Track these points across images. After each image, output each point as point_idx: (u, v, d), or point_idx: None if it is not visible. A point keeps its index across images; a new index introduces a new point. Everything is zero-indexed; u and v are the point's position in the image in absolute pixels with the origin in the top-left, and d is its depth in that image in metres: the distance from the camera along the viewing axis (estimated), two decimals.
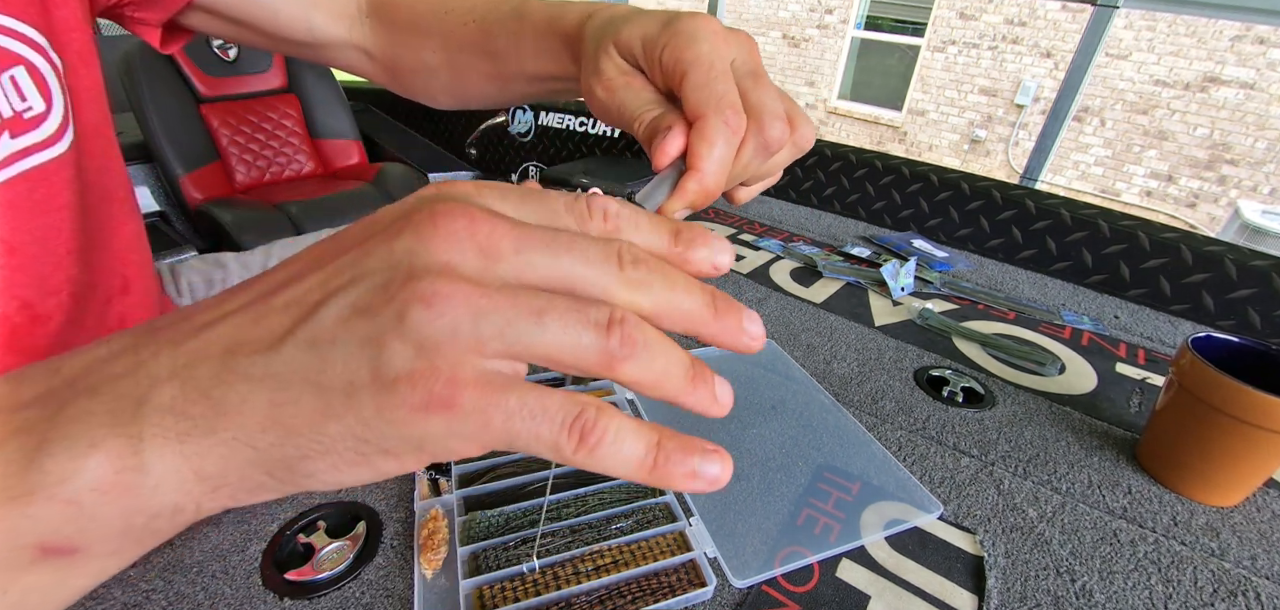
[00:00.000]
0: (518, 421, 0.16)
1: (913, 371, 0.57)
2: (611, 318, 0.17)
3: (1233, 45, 4.53)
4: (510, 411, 0.16)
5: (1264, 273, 0.72)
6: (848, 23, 6.17)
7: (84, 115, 0.38)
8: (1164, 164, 4.98)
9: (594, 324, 0.17)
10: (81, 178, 0.38)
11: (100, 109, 0.41)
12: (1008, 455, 0.47)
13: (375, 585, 0.33)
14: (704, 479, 0.17)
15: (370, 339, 0.16)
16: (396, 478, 0.39)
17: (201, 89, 1.82)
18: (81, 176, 0.38)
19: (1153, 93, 4.88)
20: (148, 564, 0.33)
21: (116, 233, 0.43)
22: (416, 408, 0.16)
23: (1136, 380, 0.59)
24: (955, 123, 5.86)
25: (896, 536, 0.38)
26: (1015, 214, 0.88)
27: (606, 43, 0.29)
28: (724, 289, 0.69)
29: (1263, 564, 0.39)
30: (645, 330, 0.17)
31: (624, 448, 0.17)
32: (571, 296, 0.17)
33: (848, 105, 6.43)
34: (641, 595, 0.32)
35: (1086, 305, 0.76)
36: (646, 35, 0.27)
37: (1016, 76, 5.43)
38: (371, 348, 0.16)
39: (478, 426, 0.16)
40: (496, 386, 0.16)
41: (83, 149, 0.38)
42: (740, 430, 0.46)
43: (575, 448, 0.16)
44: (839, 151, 1.04)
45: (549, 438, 0.16)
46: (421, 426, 0.16)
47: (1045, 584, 0.36)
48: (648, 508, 0.38)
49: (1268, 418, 0.39)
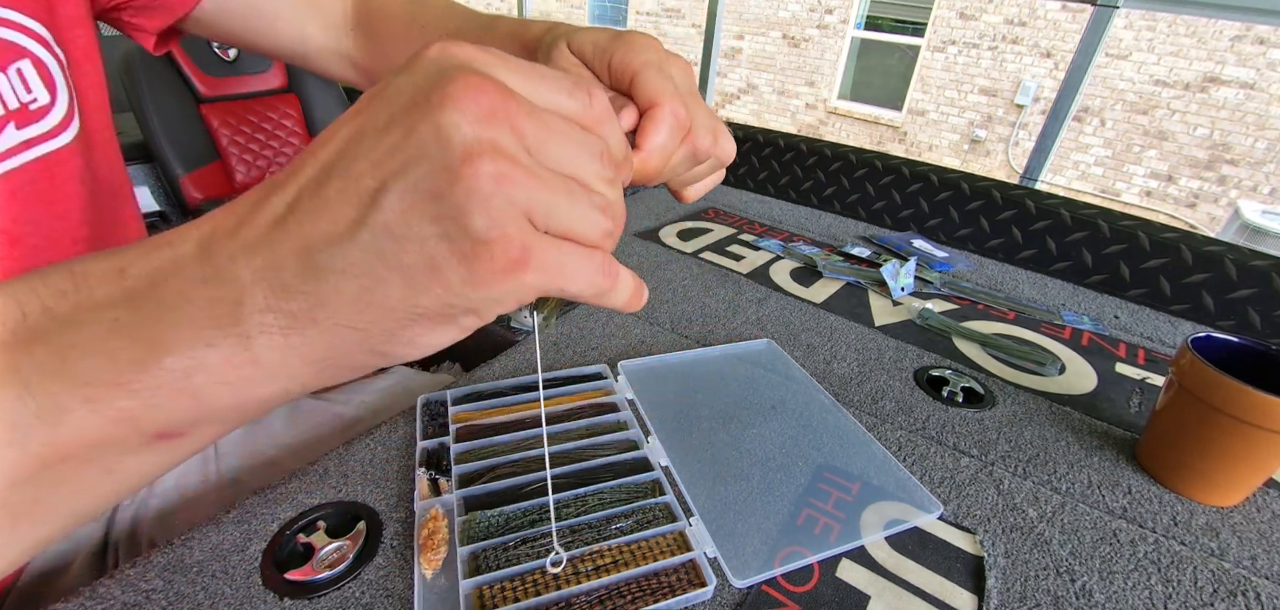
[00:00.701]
0: (571, 272, 0.19)
1: (913, 371, 0.57)
2: (608, 204, 0.21)
3: (1233, 45, 4.53)
4: (565, 265, 0.19)
5: (1264, 273, 0.72)
6: (848, 23, 6.17)
7: (89, 111, 0.39)
8: (1164, 164, 4.98)
9: (601, 209, 0.20)
10: (89, 171, 0.38)
11: (103, 107, 0.41)
12: (1008, 455, 0.47)
13: (375, 585, 0.33)
14: (642, 301, 0.24)
15: (444, 216, 0.17)
16: (396, 478, 0.39)
17: (201, 89, 1.82)
18: (89, 170, 0.38)
19: (1153, 93, 4.88)
20: (148, 564, 0.33)
21: (126, 229, 0.43)
22: (499, 270, 0.18)
23: (1136, 380, 0.59)
24: (955, 123, 5.86)
25: (896, 536, 0.38)
26: (1015, 214, 0.88)
27: (560, 43, 0.31)
28: (724, 290, 0.69)
29: (1263, 564, 0.39)
30: (621, 221, 0.22)
31: (625, 283, 0.22)
32: (578, 182, 0.20)
33: (848, 105, 6.43)
34: (641, 595, 0.32)
35: (1086, 305, 0.76)
36: (597, 42, 0.29)
37: (1016, 76, 5.43)
38: (447, 225, 0.17)
39: (545, 279, 0.19)
40: (550, 247, 0.19)
41: (89, 142, 0.38)
42: (740, 430, 0.46)
43: (608, 289, 0.21)
44: (839, 151, 1.04)
45: (593, 281, 0.20)
46: (502, 286, 0.18)
47: (1045, 584, 0.36)
48: (648, 508, 0.38)
49: (1268, 418, 0.39)
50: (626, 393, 0.48)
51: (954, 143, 5.90)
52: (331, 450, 0.41)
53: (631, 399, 0.48)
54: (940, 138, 5.96)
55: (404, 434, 0.43)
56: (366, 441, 0.42)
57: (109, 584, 0.31)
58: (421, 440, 0.41)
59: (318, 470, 0.39)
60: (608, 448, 0.42)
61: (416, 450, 0.41)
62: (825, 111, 6.55)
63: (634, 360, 0.52)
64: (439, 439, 0.42)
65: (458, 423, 0.43)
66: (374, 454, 0.41)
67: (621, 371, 0.51)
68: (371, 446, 0.42)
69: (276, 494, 0.37)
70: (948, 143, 5.93)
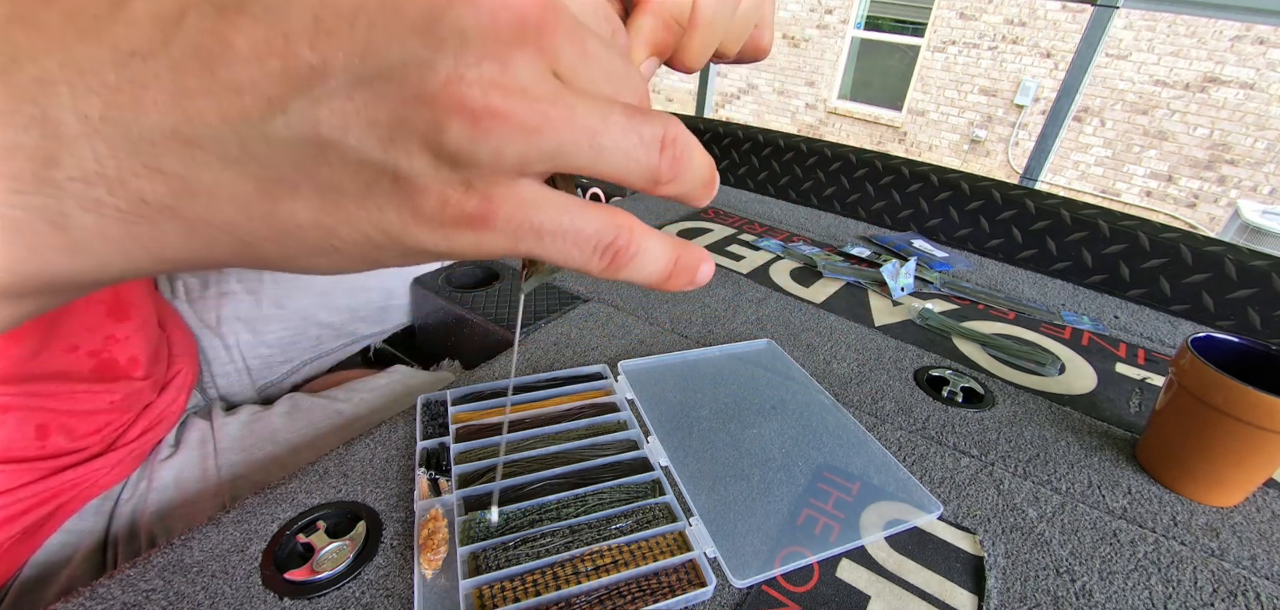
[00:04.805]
0: (548, 242, 0.15)
1: (913, 371, 0.57)
2: (665, 137, 0.16)
3: (1233, 45, 4.53)
4: (541, 231, 0.15)
5: (1264, 273, 0.72)
6: (848, 23, 6.16)
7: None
8: (1164, 164, 4.98)
9: (647, 142, 0.15)
10: None
11: None
12: (1008, 455, 0.47)
13: (375, 585, 0.33)
14: (702, 277, 0.18)
15: (394, 142, 0.13)
16: (396, 479, 0.39)
17: None
18: None
19: (1153, 93, 4.88)
20: (148, 564, 0.33)
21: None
22: (446, 223, 0.14)
23: (1136, 380, 0.59)
24: (955, 123, 5.86)
25: (896, 536, 0.38)
26: (1015, 214, 0.88)
27: None
28: (724, 290, 0.69)
29: (1263, 564, 0.39)
30: (691, 146, 0.16)
31: (650, 264, 0.17)
32: (625, 108, 0.15)
33: (848, 105, 6.43)
34: (641, 595, 0.32)
35: (1086, 305, 0.76)
36: None
37: (1016, 76, 5.43)
38: (398, 154, 0.13)
39: (506, 245, 0.15)
40: (531, 203, 0.15)
41: None
42: (740, 430, 0.46)
43: (605, 268, 0.16)
44: (839, 151, 1.04)
45: (579, 261, 0.16)
46: (448, 241, 0.15)
47: (1045, 584, 0.36)
48: (648, 508, 0.38)
49: (1268, 418, 0.39)
50: (626, 393, 0.48)
51: (954, 143, 5.90)
52: (331, 450, 0.41)
53: (631, 399, 0.48)
54: (940, 138, 5.96)
55: (404, 434, 0.43)
56: (366, 441, 0.42)
57: (109, 584, 0.31)
58: (421, 440, 0.41)
59: (318, 470, 0.39)
60: (608, 448, 0.42)
61: (416, 450, 0.41)
62: (825, 111, 6.55)
63: (634, 360, 0.52)
64: (439, 439, 0.42)
65: (458, 423, 0.43)
66: (374, 454, 0.41)
67: (621, 371, 0.51)
68: (371, 446, 0.42)
69: (276, 494, 0.37)
70: (948, 143, 5.93)
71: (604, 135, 0.14)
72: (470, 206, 0.14)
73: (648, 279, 0.17)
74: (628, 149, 0.15)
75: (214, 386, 0.60)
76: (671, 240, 0.17)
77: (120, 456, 0.46)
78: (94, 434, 0.44)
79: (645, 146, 0.15)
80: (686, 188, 0.17)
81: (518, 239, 0.15)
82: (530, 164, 0.14)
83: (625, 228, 0.16)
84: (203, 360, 0.59)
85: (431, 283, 0.70)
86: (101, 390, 0.44)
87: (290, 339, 0.65)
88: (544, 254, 0.15)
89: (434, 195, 0.14)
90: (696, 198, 0.17)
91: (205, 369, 0.59)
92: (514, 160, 0.14)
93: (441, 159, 0.13)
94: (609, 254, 0.16)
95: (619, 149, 0.15)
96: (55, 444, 0.41)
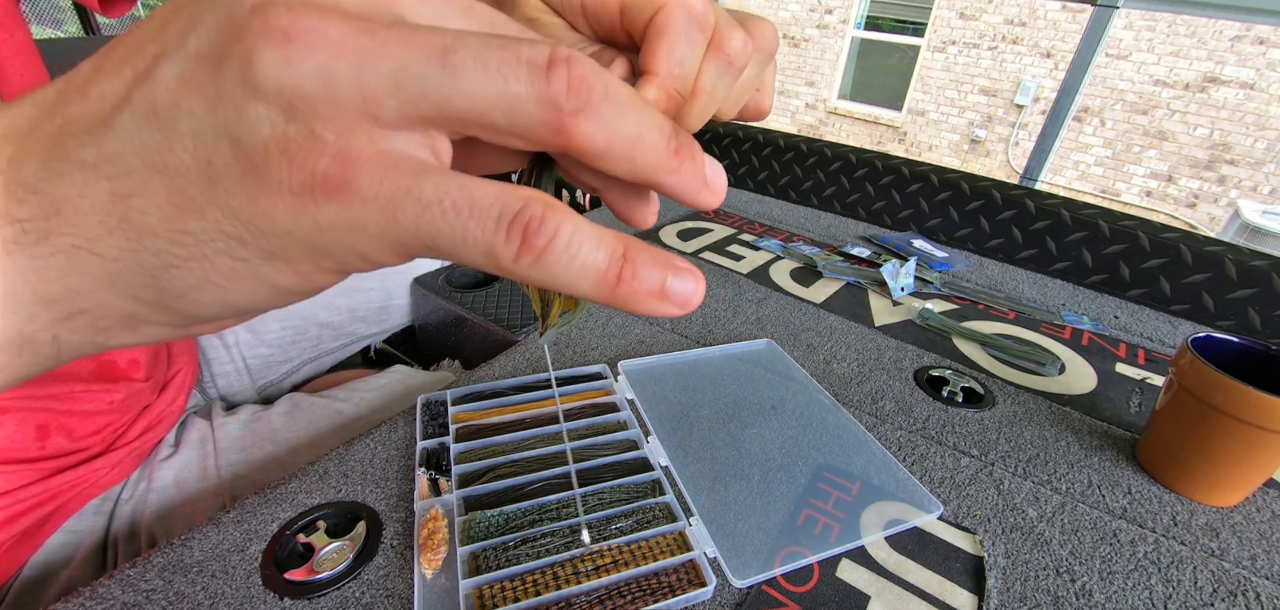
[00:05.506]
0: (437, 215, 0.12)
1: (913, 371, 0.56)
2: (553, 57, 0.12)
3: (1233, 45, 4.53)
4: (425, 202, 0.12)
5: (1264, 273, 0.72)
6: (848, 23, 6.16)
7: (14, 77, 0.38)
8: (1164, 164, 4.98)
9: (528, 64, 0.12)
10: None
11: (33, 70, 0.40)
12: (1008, 455, 0.47)
13: (375, 585, 0.33)
14: (675, 299, 0.14)
15: (222, 98, 0.12)
16: (396, 479, 0.39)
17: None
18: None
19: (1153, 93, 4.88)
20: (148, 563, 0.33)
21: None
22: (299, 191, 0.12)
23: (1136, 380, 0.59)
24: (955, 123, 5.85)
25: (896, 536, 0.38)
26: (1015, 214, 0.88)
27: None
28: (724, 290, 0.69)
29: (1263, 564, 0.39)
30: (603, 76, 0.13)
31: (581, 255, 0.13)
32: (490, 33, 0.13)
33: (848, 105, 6.42)
34: (641, 595, 0.32)
35: (1086, 305, 0.76)
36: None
37: (1016, 76, 5.43)
38: (225, 110, 0.12)
39: (383, 220, 0.12)
40: (406, 169, 0.12)
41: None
42: (740, 430, 0.46)
43: (516, 254, 0.12)
44: (839, 151, 1.04)
45: (480, 240, 0.12)
46: (309, 217, 0.12)
47: (1045, 584, 0.36)
48: (648, 508, 0.38)
49: (1268, 418, 0.39)
50: (626, 393, 0.48)
51: (954, 143, 5.90)
52: (331, 450, 0.41)
53: (631, 399, 0.48)
54: (940, 138, 5.96)
55: (404, 434, 0.43)
56: (366, 441, 0.42)
57: (109, 584, 0.31)
58: (421, 440, 0.41)
59: (318, 470, 0.39)
60: (608, 448, 0.42)
61: (416, 450, 0.41)
62: (825, 111, 6.55)
63: (634, 360, 0.52)
64: (439, 439, 0.42)
65: (457, 423, 0.43)
66: (374, 454, 0.41)
67: (621, 371, 0.51)
68: (371, 446, 0.42)
69: (276, 494, 0.37)
70: (948, 143, 5.93)
71: (459, 53, 0.12)
72: (322, 165, 0.12)
73: (580, 277, 0.13)
74: (499, 66, 0.12)
75: (214, 386, 0.60)
76: (616, 235, 0.13)
77: (120, 457, 0.46)
78: (94, 434, 0.44)
79: (524, 63, 0.12)
80: (614, 134, 0.13)
81: (395, 209, 0.12)
82: (374, 96, 0.12)
83: (538, 200, 0.13)
84: (202, 360, 0.59)
85: (431, 283, 0.70)
86: (101, 391, 0.44)
87: (290, 339, 0.65)
88: (431, 229, 0.13)
89: (274, 152, 0.12)
90: (639, 157, 0.14)
91: (205, 369, 0.59)
92: (351, 91, 0.12)
93: (270, 104, 0.12)
94: (517, 231, 0.12)
95: (486, 66, 0.12)
96: (55, 444, 0.41)
